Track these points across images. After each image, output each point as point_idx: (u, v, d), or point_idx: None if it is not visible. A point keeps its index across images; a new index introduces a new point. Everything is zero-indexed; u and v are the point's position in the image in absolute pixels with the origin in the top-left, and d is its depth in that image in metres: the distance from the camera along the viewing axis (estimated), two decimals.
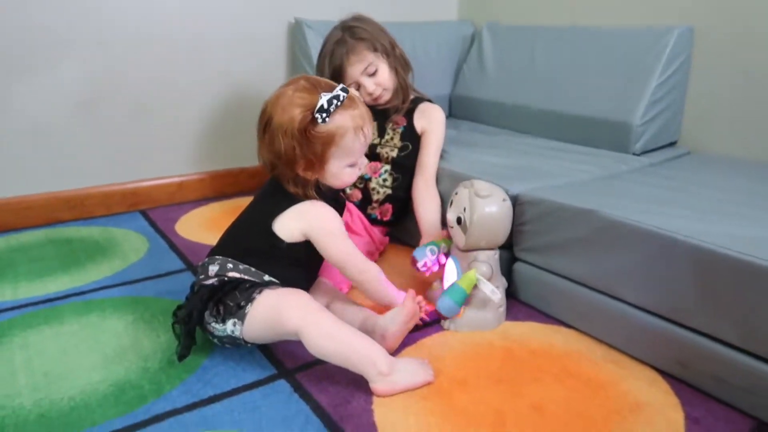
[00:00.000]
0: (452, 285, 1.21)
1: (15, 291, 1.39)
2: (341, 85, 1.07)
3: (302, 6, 2.11)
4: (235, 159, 2.14)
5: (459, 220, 1.22)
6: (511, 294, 1.36)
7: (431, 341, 1.19)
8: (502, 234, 1.24)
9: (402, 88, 1.57)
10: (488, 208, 1.20)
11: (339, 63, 1.48)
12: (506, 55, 2.08)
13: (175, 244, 1.68)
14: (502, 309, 1.26)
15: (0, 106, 1.70)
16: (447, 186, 1.49)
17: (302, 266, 1.15)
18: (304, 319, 1.00)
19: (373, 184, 1.55)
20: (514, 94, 1.99)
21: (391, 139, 1.56)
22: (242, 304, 1.04)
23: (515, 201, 1.33)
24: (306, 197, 1.10)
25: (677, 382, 1.05)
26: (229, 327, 1.05)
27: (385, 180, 1.55)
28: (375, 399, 1.00)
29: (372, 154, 1.56)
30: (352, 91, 1.10)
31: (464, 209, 1.21)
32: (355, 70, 1.49)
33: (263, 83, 2.12)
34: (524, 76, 1.98)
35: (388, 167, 1.56)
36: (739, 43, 1.63)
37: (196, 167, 2.08)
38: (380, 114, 1.55)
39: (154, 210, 1.99)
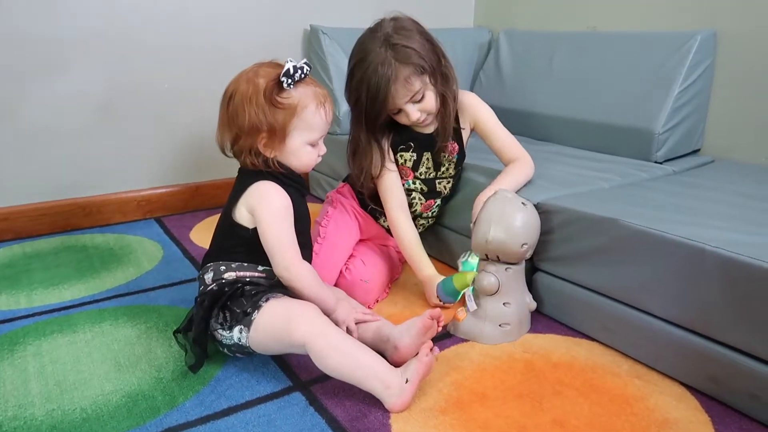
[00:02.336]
0: (450, 276, 1.26)
1: (30, 298, 1.39)
2: (305, 60, 1.07)
3: (317, 13, 2.10)
4: None
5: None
6: None
7: (450, 353, 1.16)
8: (507, 237, 1.16)
9: (446, 112, 1.36)
10: (495, 205, 1.18)
11: (382, 93, 1.25)
12: (524, 61, 2.05)
13: (189, 252, 1.67)
14: (509, 328, 1.19)
15: (17, 113, 1.71)
16: (467, 195, 1.46)
17: None
18: (311, 331, 0.98)
19: (422, 220, 1.49)
20: (532, 101, 1.96)
21: (447, 169, 1.45)
22: (248, 310, 1.02)
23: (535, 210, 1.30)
24: (264, 170, 1.08)
25: (708, 398, 1.01)
26: (236, 334, 1.03)
27: (433, 213, 1.50)
28: (393, 413, 0.97)
29: (431, 191, 1.45)
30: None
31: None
32: (400, 100, 1.28)
33: None
34: (543, 83, 1.95)
35: (439, 201, 1.48)
36: (764, 48, 1.59)
37: (211, 174, 2.07)
38: (430, 145, 1.40)
39: (169, 217, 1.98)
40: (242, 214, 1.09)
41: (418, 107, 1.31)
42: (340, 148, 1.89)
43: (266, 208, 1.07)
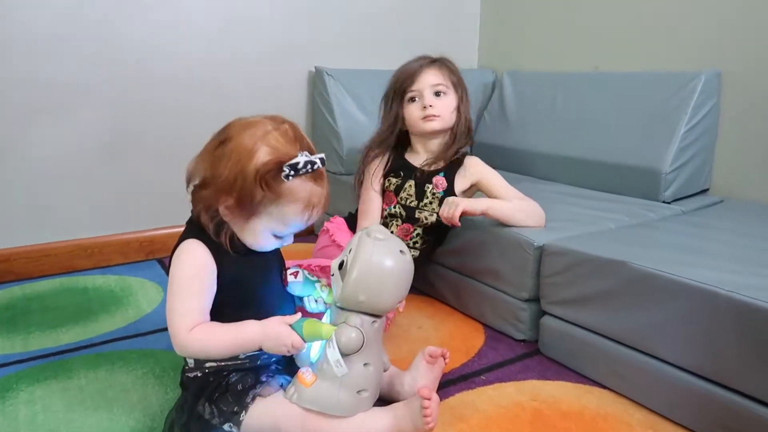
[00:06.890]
0: (303, 319, 0.95)
1: (26, 342, 1.36)
2: (322, 155, 0.93)
3: (322, 55, 2.12)
4: None
5: (341, 265, 0.97)
6: (539, 350, 1.30)
7: (455, 401, 1.12)
8: (387, 293, 0.95)
9: (451, 144, 1.50)
10: (378, 252, 0.95)
11: (414, 69, 1.47)
12: (528, 101, 2.06)
13: None
14: (367, 394, 0.96)
15: (19, 154, 1.71)
16: (467, 235, 1.44)
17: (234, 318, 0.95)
18: (305, 429, 0.93)
19: None
20: (536, 141, 1.96)
21: (430, 203, 1.46)
22: (236, 410, 0.95)
23: (541, 251, 1.27)
24: (213, 235, 0.93)
25: None
26: (226, 427, 0.97)
27: (415, 243, 1.48)
28: None
29: (410, 217, 1.47)
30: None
31: (350, 251, 0.97)
32: (428, 79, 1.47)
33: None
34: (547, 123, 1.94)
35: (420, 231, 1.47)
36: None
37: None
38: (420, 175, 1.48)
39: None
40: None
41: (436, 100, 1.46)
42: (342, 187, 1.89)
43: (172, 276, 0.94)
